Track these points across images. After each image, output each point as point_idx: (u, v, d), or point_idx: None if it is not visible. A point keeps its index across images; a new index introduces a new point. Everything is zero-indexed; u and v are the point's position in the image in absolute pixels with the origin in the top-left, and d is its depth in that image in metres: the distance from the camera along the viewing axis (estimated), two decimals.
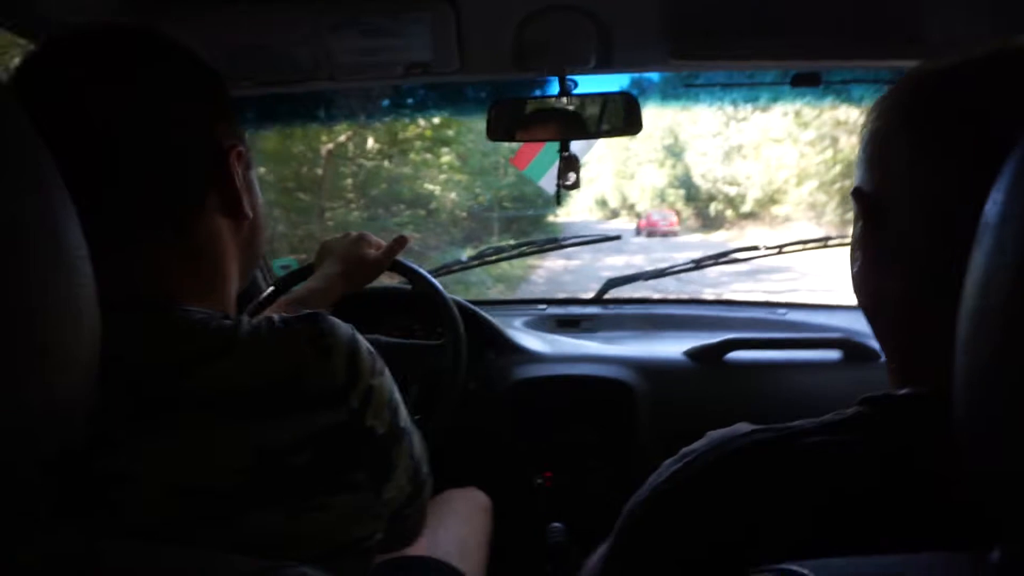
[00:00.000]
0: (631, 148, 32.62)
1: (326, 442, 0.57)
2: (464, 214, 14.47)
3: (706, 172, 26.64)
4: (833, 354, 1.62)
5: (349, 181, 11.11)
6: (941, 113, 0.52)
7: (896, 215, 0.55)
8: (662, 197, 30.38)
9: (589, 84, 1.37)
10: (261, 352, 0.57)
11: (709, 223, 26.13)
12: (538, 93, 1.34)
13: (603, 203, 38.66)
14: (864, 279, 0.60)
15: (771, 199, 23.23)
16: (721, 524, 0.53)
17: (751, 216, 24.02)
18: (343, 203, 11.06)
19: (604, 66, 1.24)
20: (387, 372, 0.66)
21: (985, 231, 0.36)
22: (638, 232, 23.02)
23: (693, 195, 27.84)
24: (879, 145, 0.57)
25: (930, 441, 0.48)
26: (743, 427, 0.57)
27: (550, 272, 13.95)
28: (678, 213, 27.25)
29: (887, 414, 0.53)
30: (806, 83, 1.29)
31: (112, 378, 0.53)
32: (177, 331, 0.58)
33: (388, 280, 1.56)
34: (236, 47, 1.08)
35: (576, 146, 1.37)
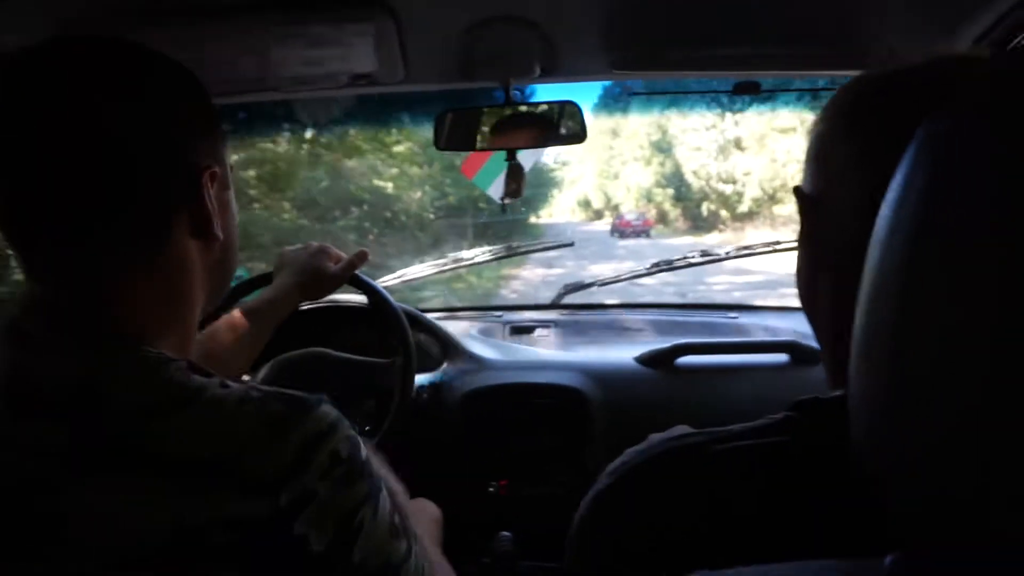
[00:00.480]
0: (614, 147, 31.93)
1: (243, 533, 0.51)
2: (431, 216, 13.58)
3: (699, 169, 25.07)
4: (781, 357, 1.65)
5: (273, 180, 9.66)
6: (875, 118, 0.53)
7: (830, 216, 0.56)
8: (648, 197, 29.22)
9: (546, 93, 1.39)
10: (217, 420, 0.54)
11: (701, 224, 24.68)
12: (484, 102, 1.35)
13: (586, 204, 38.10)
14: (802, 278, 0.62)
15: (772, 197, 21.86)
16: (648, 526, 0.54)
17: (748, 216, 22.64)
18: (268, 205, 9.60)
19: (548, 75, 1.25)
20: (363, 490, 0.57)
21: (874, 245, 0.37)
22: (613, 232, 23.41)
23: (683, 194, 26.55)
24: (821, 147, 0.58)
25: (844, 441, 0.50)
26: (680, 429, 0.59)
27: (527, 283, 12.48)
28: (665, 214, 26.85)
29: (814, 418, 0.53)
30: (746, 91, 1.31)
31: (58, 415, 0.52)
32: (139, 378, 0.55)
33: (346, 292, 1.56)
34: (179, 60, 1.06)
35: (523, 154, 1.38)
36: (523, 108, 1.32)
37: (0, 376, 0.54)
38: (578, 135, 1.32)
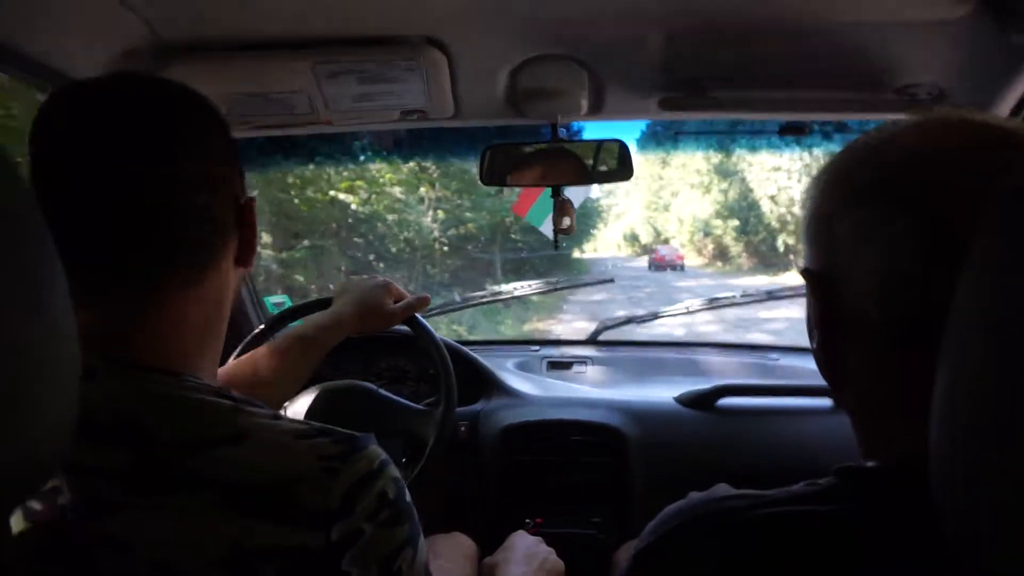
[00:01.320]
0: (664, 177, 30.32)
1: (293, 563, 0.54)
2: (446, 247, 12.18)
3: (777, 193, 21.33)
4: (825, 402, 1.62)
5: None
6: (880, 193, 0.52)
7: (847, 293, 0.55)
8: (706, 230, 26.54)
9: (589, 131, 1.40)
10: (272, 451, 0.56)
11: (773, 261, 21.51)
12: (531, 138, 1.36)
13: (633, 238, 37.04)
14: (824, 354, 0.60)
15: None
16: None
17: None
18: None
19: (595, 113, 1.27)
20: (405, 532, 0.60)
21: (958, 311, 0.37)
22: (651, 267, 24.85)
23: (750, 226, 22.93)
24: (822, 225, 0.57)
25: (898, 513, 0.48)
26: (721, 490, 0.58)
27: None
28: (726, 249, 24.92)
29: (857, 488, 0.52)
30: (793, 132, 1.31)
31: (120, 440, 0.54)
32: (187, 406, 0.57)
33: None
34: (234, 94, 1.11)
35: (572, 191, 1.39)
36: (570, 144, 1.33)
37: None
38: (624, 172, 1.33)
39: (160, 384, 0.58)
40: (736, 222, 24.12)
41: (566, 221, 1.34)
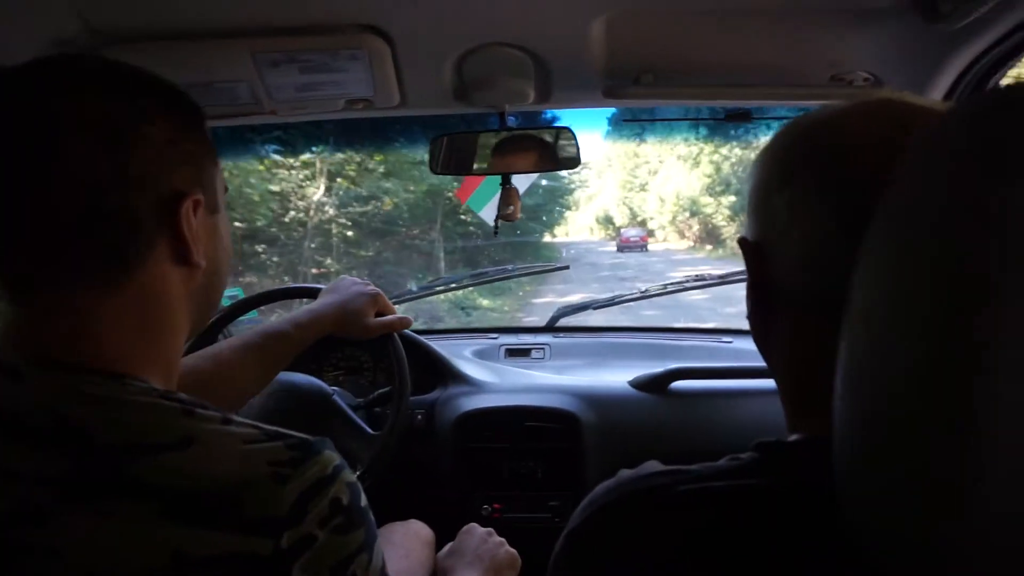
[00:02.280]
0: (640, 154, 28.53)
1: (241, 571, 0.52)
2: (349, 231, 10.06)
3: None
4: (772, 382, 1.65)
5: None
6: (807, 168, 0.54)
7: (777, 263, 0.57)
8: (693, 209, 23.80)
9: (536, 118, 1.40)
10: (220, 457, 0.54)
11: None
12: (479, 127, 1.37)
13: (607, 220, 34.98)
14: (755, 324, 0.62)
15: None
16: (617, 567, 0.54)
17: None
18: None
19: (542, 102, 1.27)
20: (360, 538, 0.58)
21: (854, 291, 0.38)
22: (619, 249, 24.91)
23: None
24: (759, 196, 0.59)
25: (815, 486, 0.49)
26: (649, 467, 0.58)
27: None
28: (716, 231, 22.72)
29: (779, 461, 0.54)
30: (738, 119, 1.33)
31: (53, 444, 0.52)
32: (130, 410, 0.55)
33: None
34: (177, 83, 1.08)
35: (518, 178, 1.40)
36: (518, 133, 1.34)
37: None
38: (572, 160, 1.34)
39: (99, 386, 0.56)
40: (733, 198, 20.98)
41: (510, 208, 1.34)
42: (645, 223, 28.70)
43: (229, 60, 1.04)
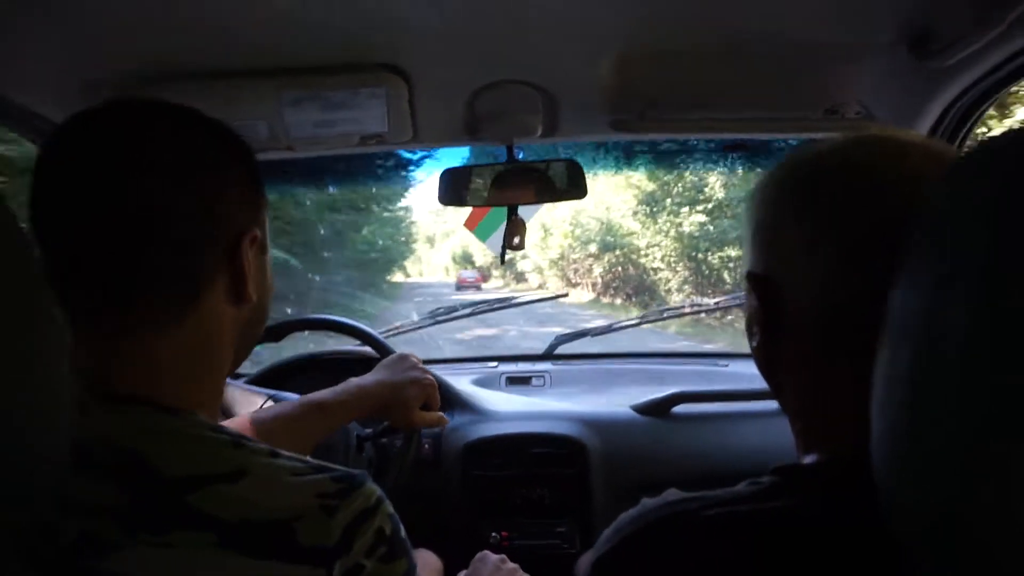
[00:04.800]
0: None
1: None
2: None
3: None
4: (772, 404, 1.68)
5: None
6: (822, 203, 0.56)
7: (790, 295, 0.58)
8: (607, 243, 18.30)
9: (537, 151, 1.45)
10: (271, 489, 0.56)
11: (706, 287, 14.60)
12: (487, 160, 1.40)
13: (465, 259, 33.52)
14: (763, 354, 0.63)
15: None
16: None
17: None
18: None
19: (549, 135, 1.31)
20: (403, 567, 0.61)
21: (892, 312, 0.41)
22: (457, 288, 27.34)
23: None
24: (766, 232, 0.61)
25: (841, 505, 0.51)
26: (671, 494, 0.60)
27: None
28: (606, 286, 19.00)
29: (798, 483, 0.56)
30: (736, 149, 1.39)
31: (117, 476, 0.54)
32: (187, 443, 0.57)
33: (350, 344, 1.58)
34: None
35: (523, 209, 1.43)
36: (524, 165, 1.37)
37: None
38: (577, 191, 1.38)
39: (158, 420, 0.58)
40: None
41: (517, 239, 1.38)
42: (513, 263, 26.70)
43: (253, 99, 1.07)
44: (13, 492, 0.37)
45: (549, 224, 21.66)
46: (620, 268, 18.78)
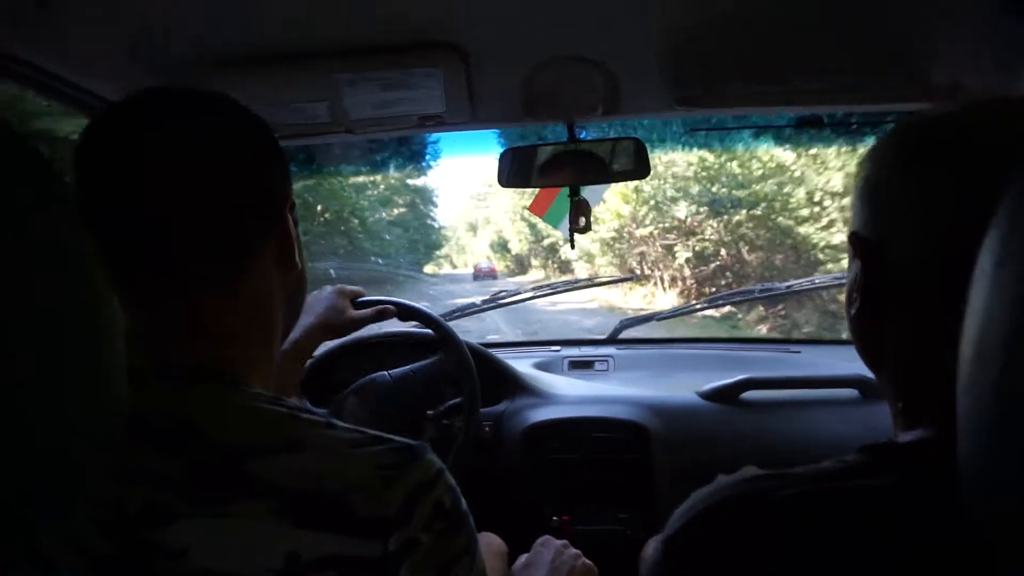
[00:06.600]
0: None
1: (352, 572, 0.54)
2: None
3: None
4: (850, 392, 1.61)
5: None
6: (933, 158, 0.54)
7: (894, 258, 0.56)
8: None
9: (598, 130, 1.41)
10: (329, 460, 0.56)
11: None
12: (549, 139, 1.38)
13: (502, 247, 32.34)
14: (862, 323, 0.60)
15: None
16: (720, 572, 0.54)
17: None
18: None
19: (611, 113, 1.27)
20: (463, 541, 0.60)
21: (981, 276, 0.37)
22: (475, 277, 27.52)
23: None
24: (874, 190, 0.58)
25: (932, 486, 0.49)
26: (749, 471, 0.58)
27: None
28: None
29: (888, 462, 0.53)
30: (810, 125, 1.31)
31: (176, 447, 0.55)
32: (245, 413, 0.58)
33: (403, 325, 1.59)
34: (255, 104, 1.12)
35: (588, 191, 1.40)
36: (586, 144, 1.34)
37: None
38: (641, 171, 1.34)
39: (214, 390, 0.59)
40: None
41: (582, 221, 1.35)
42: (556, 250, 24.04)
43: (311, 81, 1.08)
44: (64, 465, 0.38)
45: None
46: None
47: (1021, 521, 0.34)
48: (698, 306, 2.27)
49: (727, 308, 10.35)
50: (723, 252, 13.37)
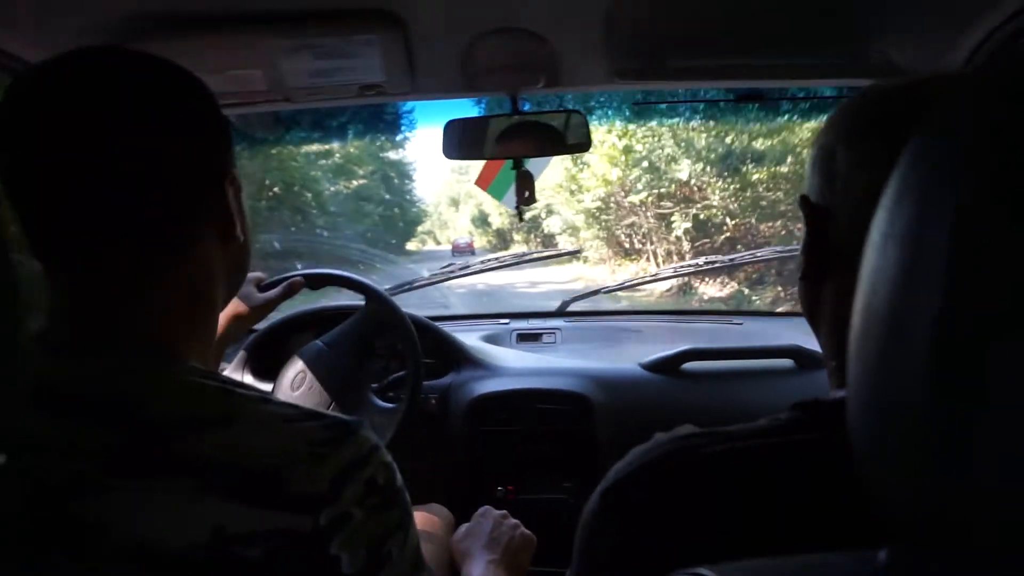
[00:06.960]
0: None
1: (280, 547, 0.53)
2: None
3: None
4: (786, 362, 1.67)
5: None
6: (874, 131, 0.56)
7: (835, 224, 0.58)
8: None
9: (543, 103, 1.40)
10: (261, 435, 0.55)
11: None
12: (492, 111, 1.37)
13: (483, 221, 31.38)
14: (807, 284, 0.63)
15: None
16: (654, 524, 0.55)
17: None
18: None
19: (553, 85, 1.27)
20: (396, 517, 0.59)
21: (871, 249, 0.38)
22: (453, 253, 26.24)
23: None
24: (824, 158, 0.61)
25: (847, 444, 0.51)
26: (685, 429, 0.59)
27: None
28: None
29: (815, 418, 0.55)
30: (749, 100, 1.33)
31: (102, 419, 0.54)
32: (175, 387, 0.57)
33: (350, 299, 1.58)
34: (193, 71, 1.09)
35: (531, 163, 1.40)
36: (529, 118, 1.34)
37: (34, 381, 0.55)
38: (583, 144, 1.34)
39: (150, 364, 0.58)
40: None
41: (526, 193, 1.35)
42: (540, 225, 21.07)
43: (246, 48, 1.05)
44: None
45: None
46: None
47: (896, 503, 0.36)
48: (647, 279, 2.30)
49: (747, 290, 10.29)
50: (729, 222, 11.64)
